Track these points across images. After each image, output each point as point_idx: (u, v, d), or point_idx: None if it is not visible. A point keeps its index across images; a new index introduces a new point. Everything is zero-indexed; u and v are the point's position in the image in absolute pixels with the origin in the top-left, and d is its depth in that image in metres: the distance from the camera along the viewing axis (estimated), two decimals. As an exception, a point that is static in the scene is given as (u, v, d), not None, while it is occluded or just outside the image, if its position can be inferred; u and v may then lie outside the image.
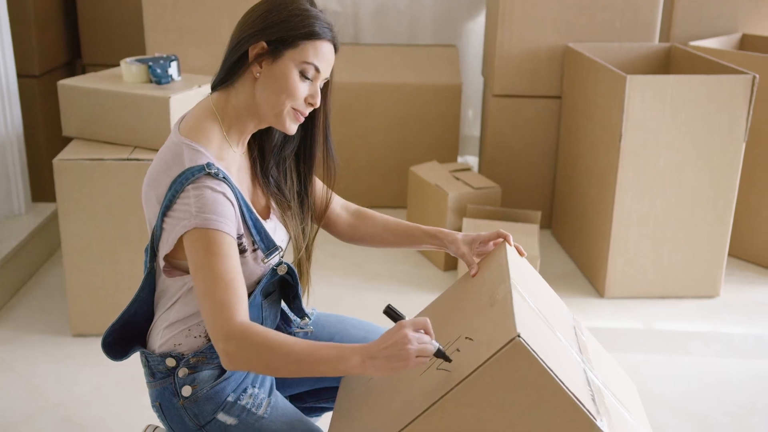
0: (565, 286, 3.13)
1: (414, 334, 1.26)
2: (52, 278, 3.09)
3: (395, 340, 1.25)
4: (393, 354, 1.24)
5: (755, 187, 3.25)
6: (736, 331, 2.85)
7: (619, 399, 1.44)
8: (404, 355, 1.24)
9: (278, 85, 1.43)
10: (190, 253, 1.36)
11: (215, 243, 1.35)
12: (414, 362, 1.25)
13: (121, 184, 2.52)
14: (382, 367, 1.25)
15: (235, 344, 1.30)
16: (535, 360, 1.18)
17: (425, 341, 1.26)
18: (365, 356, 1.26)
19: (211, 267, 1.34)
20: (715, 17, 3.62)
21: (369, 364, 1.25)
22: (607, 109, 2.96)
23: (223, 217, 1.37)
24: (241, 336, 1.30)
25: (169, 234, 1.39)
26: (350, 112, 3.75)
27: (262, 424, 1.49)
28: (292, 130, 1.49)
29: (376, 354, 1.25)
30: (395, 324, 1.29)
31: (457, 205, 3.20)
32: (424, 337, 1.27)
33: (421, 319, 1.29)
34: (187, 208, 1.36)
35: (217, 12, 3.27)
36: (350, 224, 1.72)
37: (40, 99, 3.54)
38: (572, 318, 1.61)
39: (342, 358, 1.27)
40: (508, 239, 1.60)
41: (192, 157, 1.40)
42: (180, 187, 1.37)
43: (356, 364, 1.26)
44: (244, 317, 1.33)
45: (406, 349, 1.24)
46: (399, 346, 1.25)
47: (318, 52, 1.44)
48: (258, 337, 1.30)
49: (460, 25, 4.26)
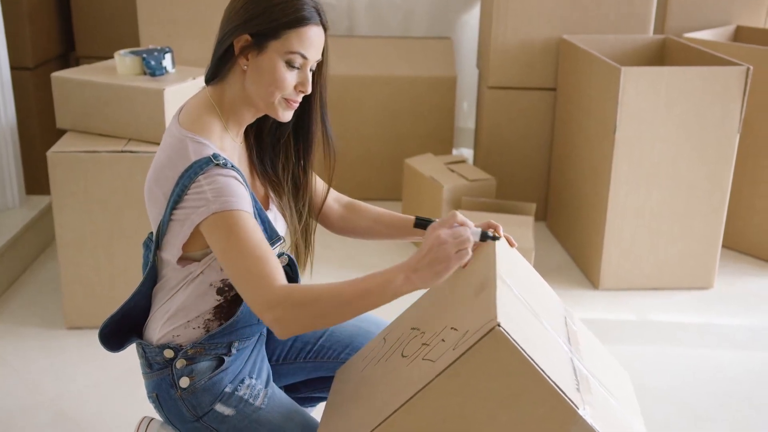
0: (560, 278, 3.14)
1: (446, 231, 1.28)
2: (47, 272, 3.09)
3: (430, 245, 1.27)
4: (433, 259, 1.26)
5: (749, 179, 3.26)
6: (731, 323, 2.86)
7: (609, 389, 1.44)
8: (444, 256, 1.26)
9: (266, 78, 1.42)
10: (214, 239, 1.35)
11: (238, 223, 1.34)
12: (456, 259, 1.27)
13: (115, 177, 2.51)
14: (428, 275, 1.26)
15: (281, 309, 1.29)
16: (515, 349, 1.18)
17: (460, 234, 1.28)
18: (409, 271, 1.27)
19: (239, 247, 1.33)
20: (710, 9, 3.63)
21: (414, 277, 1.27)
22: (602, 101, 2.96)
23: (238, 197, 1.36)
24: (285, 298, 1.29)
25: (182, 225, 1.39)
26: (345, 105, 3.75)
27: (260, 415, 1.49)
28: (287, 117, 1.48)
29: (417, 265, 1.27)
30: (426, 230, 1.31)
31: (452, 197, 3.21)
32: (458, 230, 1.29)
33: (449, 215, 1.31)
34: (203, 196, 1.35)
35: (211, 3, 3.26)
36: (342, 216, 1.72)
37: (34, 91, 3.53)
38: (564, 308, 1.62)
39: (388, 282, 1.27)
40: (498, 230, 1.60)
41: (197, 150, 1.40)
42: (189, 181, 1.37)
43: (402, 281, 1.27)
44: (283, 282, 1.32)
45: (444, 249, 1.26)
46: (436, 249, 1.26)
47: (303, 39, 1.41)
48: (300, 294, 1.29)
49: (455, 17, 4.26)
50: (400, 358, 1.39)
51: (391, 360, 1.41)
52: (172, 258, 1.45)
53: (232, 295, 1.51)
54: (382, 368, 1.42)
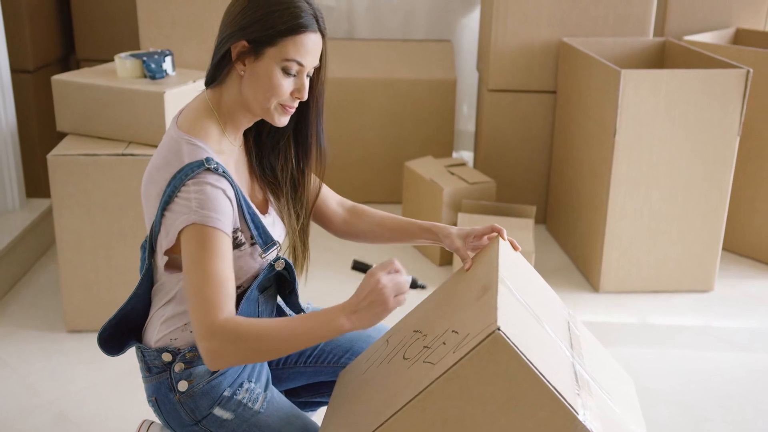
0: (560, 281, 3.14)
1: (386, 276, 1.32)
2: (47, 274, 3.09)
3: (370, 289, 1.31)
4: (372, 301, 1.30)
5: (749, 181, 3.26)
6: (730, 325, 2.86)
7: (610, 394, 1.44)
8: (383, 299, 1.30)
9: (262, 84, 1.42)
10: (185, 248, 1.36)
11: (211, 241, 1.35)
12: (395, 303, 1.31)
13: (115, 180, 2.51)
14: (367, 317, 1.31)
15: (218, 341, 1.29)
16: (515, 353, 1.19)
17: (399, 280, 1.32)
18: (348, 312, 1.31)
19: (204, 264, 1.33)
20: (709, 12, 3.63)
21: (354, 317, 1.30)
22: (602, 103, 2.96)
23: (221, 215, 1.37)
24: (224, 331, 1.30)
25: (169, 228, 1.39)
26: (344, 108, 3.75)
27: (258, 419, 1.49)
28: (282, 123, 1.49)
29: (357, 307, 1.31)
30: (366, 274, 1.35)
31: (452, 200, 3.21)
32: (396, 276, 1.33)
33: (387, 261, 1.35)
34: (188, 203, 1.36)
35: (211, 6, 3.26)
36: (345, 220, 1.72)
37: (34, 94, 3.53)
38: (567, 312, 1.62)
39: (329, 322, 1.31)
40: (501, 233, 1.60)
41: (191, 152, 1.40)
42: (180, 183, 1.37)
43: (342, 322, 1.30)
44: (228, 314, 1.32)
45: (383, 293, 1.30)
46: (375, 292, 1.30)
47: (299, 47, 1.41)
48: (243, 328, 1.30)
49: (455, 20, 4.26)
50: (401, 361, 1.39)
51: (393, 362, 1.41)
52: (160, 264, 1.46)
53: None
54: (383, 370, 1.42)
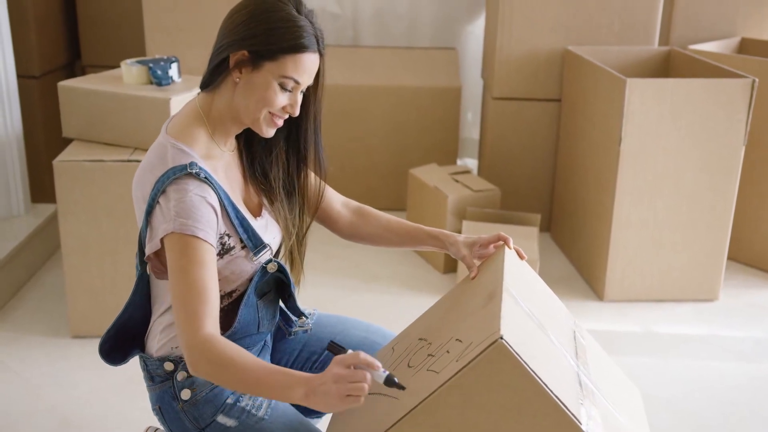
0: (565, 289, 3.13)
1: (343, 372, 1.22)
2: (52, 279, 3.09)
3: (329, 378, 1.22)
4: (327, 391, 1.22)
5: (754, 191, 3.25)
6: (735, 335, 2.85)
7: (616, 404, 1.44)
8: (335, 393, 1.21)
9: (256, 94, 1.43)
10: (168, 257, 1.37)
11: (190, 249, 1.35)
12: (346, 402, 1.21)
13: (120, 186, 2.52)
14: (321, 402, 1.22)
15: (197, 355, 1.31)
16: (518, 362, 1.18)
17: (358, 378, 1.21)
18: (309, 390, 1.23)
19: (184, 273, 1.34)
20: (715, 21, 3.63)
21: (312, 396, 1.23)
22: (607, 112, 2.96)
23: (200, 222, 1.36)
24: (202, 348, 1.30)
25: (152, 234, 1.40)
26: (349, 115, 3.75)
27: (262, 426, 1.49)
28: (269, 134, 1.49)
29: (317, 389, 1.23)
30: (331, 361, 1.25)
31: (456, 207, 3.21)
32: (357, 374, 1.21)
33: (353, 354, 1.24)
34: (167, 210, 1.37)
35: (217, 13, 3.25)
36: (351, 222, 1.71)
37: (40, 100, 3.54)
38: (573, 322, 1.61)
39: (289, 387, 1.25)
40: (508, 242, 1.60)
41: (176, 156, 1.41)
42: (161, 186, 1.38)
43: (300, 395, 1.24)
44: (210, 329, 1.32)
45: (336, 388, 1.21)
46: (330, 385, 1.22)
47: (298, 65, 1.42)
48: (216, 353, 1.29)
49: (460, 27, 4.27)
50: (406, 369, 1.39)
51: (398, 370, 1.41)
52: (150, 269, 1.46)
53: (227, 305, 1.51)
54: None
